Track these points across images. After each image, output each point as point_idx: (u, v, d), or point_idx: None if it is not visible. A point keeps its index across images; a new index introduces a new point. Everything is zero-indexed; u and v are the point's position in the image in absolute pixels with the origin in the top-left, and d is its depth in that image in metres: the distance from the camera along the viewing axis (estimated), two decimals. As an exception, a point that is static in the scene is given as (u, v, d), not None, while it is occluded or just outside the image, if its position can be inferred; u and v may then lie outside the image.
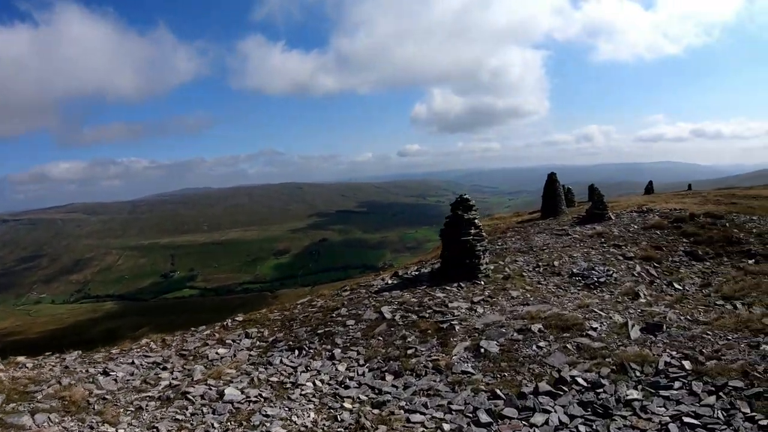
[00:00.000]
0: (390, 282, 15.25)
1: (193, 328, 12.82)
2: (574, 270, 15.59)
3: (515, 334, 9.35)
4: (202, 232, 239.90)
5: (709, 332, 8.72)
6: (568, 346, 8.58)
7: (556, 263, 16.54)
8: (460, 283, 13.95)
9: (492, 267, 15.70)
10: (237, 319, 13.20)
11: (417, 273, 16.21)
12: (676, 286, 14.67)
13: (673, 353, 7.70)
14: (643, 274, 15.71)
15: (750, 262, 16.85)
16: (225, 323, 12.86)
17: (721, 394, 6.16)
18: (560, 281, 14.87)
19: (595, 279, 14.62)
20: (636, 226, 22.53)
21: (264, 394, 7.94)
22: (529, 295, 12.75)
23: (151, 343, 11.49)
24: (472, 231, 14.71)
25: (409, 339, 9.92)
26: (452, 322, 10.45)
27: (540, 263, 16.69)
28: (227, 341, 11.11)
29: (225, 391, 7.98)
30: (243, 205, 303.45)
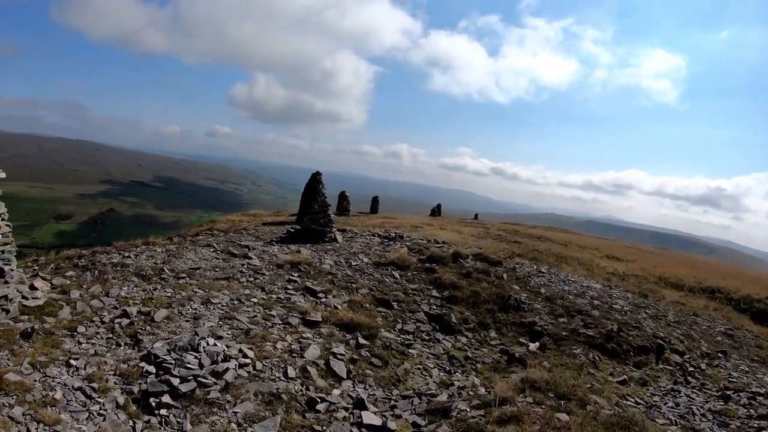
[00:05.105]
0: None
1: None
2: (157, 346, 7.43)
3: None
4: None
5: None
6: None
7: (163, 313, 8.88)
8: None
9: (43, 304, 8.37)
10: None
11: None
12: (391, 426, 6.60)
13: None
14: (322, 364, 8.06)
15: (532, 346, 10.67)
16: None
17: None
18: (115, 368, 7.02)
19: (183, 379, 6.63)
20: (366, 259, 14.72)
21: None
22: None
23: None
24: None
25: None
26: None
27: (138, 309, 8.98)
28: None
29: None
30: (31, 156, 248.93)
